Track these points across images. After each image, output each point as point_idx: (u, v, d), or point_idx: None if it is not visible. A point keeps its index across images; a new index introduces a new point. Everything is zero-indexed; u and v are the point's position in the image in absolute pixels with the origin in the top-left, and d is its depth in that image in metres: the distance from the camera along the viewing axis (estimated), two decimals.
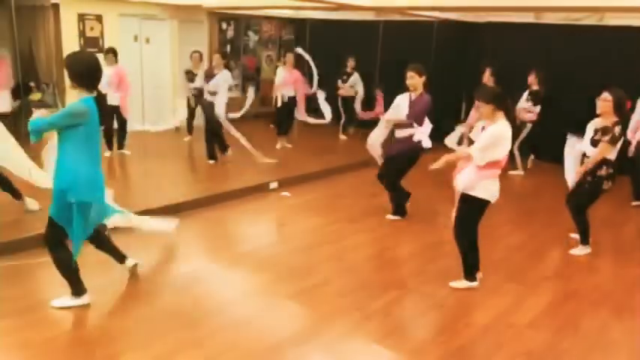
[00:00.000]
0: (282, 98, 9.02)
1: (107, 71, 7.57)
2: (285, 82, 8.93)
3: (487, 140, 4.03)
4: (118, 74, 7.71)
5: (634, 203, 6.96)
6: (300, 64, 9.52)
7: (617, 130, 4.84)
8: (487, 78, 7.73)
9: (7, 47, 8.67)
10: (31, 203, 5.35)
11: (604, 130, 4.87)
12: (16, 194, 5.39)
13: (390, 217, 6.03)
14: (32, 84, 8.94)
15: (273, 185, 7.06)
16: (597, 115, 5.02)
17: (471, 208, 4.23)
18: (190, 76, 8.95)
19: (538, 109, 8.07)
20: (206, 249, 5.23)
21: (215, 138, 7.92)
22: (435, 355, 3.50)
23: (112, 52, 7.76)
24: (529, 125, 8.11)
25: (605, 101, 4.88)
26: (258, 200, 6.63)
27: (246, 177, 7.32)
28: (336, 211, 6.28)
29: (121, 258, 4.24)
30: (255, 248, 5.21)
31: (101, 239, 4.16)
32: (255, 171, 7.66)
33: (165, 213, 5.79)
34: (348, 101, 10.24)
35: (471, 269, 4.40)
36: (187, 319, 3.78)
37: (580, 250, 5.29)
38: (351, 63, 10.07)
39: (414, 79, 5.55)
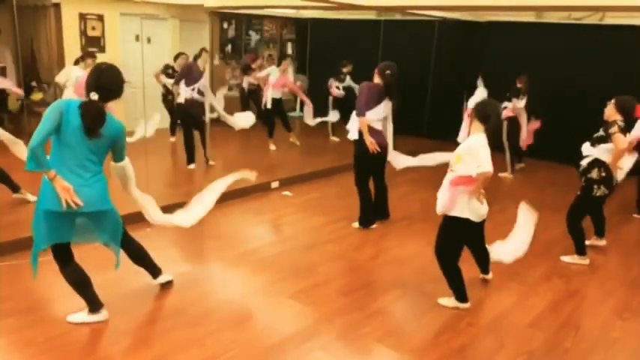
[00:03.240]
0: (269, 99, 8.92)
1: (78, 73, 7.15)
2: (277, 84, 8.86)
3: (465, 156, 3.79)
4: None
5: (635, 215, 6.62)
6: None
7: (621, 123, 4.62)
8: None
9: (8, 47, 8.68)
10: (31, 196, 5.38)
11: (606, 127, 4.71)
12: (14, 187, 5.53)
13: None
14: (34, 84, 8.96)
15: (275, 185, 7.06)
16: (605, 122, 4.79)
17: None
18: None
19: (511, 104, 7.81)
20: (207, 248, 5.23)
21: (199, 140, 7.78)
22: (437, 354, 3.50)
23: (92, 57, 7.46)
24: (505, 122, 7.83)
25: (609, 104, 4.77)
26: (259, 199, 6.63)
27: None
28: (338, 210, 6.27)
29: (155, 272, 4.13)
30: (257, 247, 5.21)
31: (135, 252, 4.02)
32: (257, 170, 7.65)
33: (166, 212, 5.79)
34: (341, 102, 9.95)
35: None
36: (188, 318, 3.78)
37: (571, 259, 5.09)
38: (348, 67, 10.02)
39: None
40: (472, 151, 3.74)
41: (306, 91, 12.39)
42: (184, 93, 7.44)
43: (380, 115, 5.44)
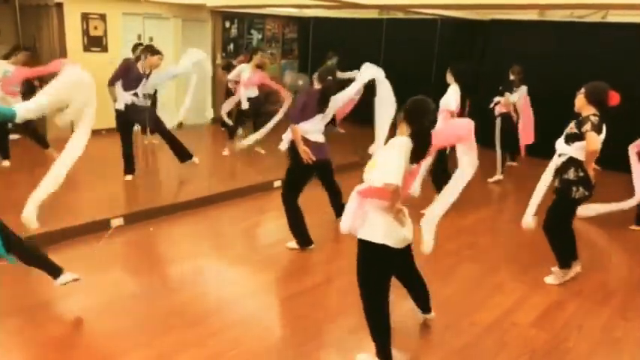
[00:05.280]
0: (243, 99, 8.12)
1: (8, 67, 6.73)
2: (248, 82, 8.10)
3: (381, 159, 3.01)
4: (21, 75, 6.84)
5: (632, 227, 6.04)
6: None
7: (594, 119, 4.08)
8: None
9: (10, 46, 8.68)
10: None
11: (580, 123, 4.16)
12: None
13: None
14: (36, 83, 8.95)
15: (277, 184, 7.04)
16: (579, 115, 4.27)
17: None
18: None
19: (503, 99, 7.54)
20: (209, 247, 5.22)
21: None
22: (439, 354, 3.49)
23: (22, 50, 7.07)
24: (498, 119, 7.64)
25: (578, 95, 4.25)
26: (261, 198, 6.63)
27: (250, 175, 7.33)
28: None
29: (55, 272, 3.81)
30: (257, 247, 5.21)
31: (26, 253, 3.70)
32: (259, 169, 7.66)
33: (169, 211, 5.80)
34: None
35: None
36: (189, 318, 3.77)
37: (554, 279, 4.54)
38: (331, 56, 10.01)
39: None
40: (385, 155, 2.99)
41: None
42: (123, 98, 6.55)
43: (318, 126, 4.85)
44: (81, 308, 3.82)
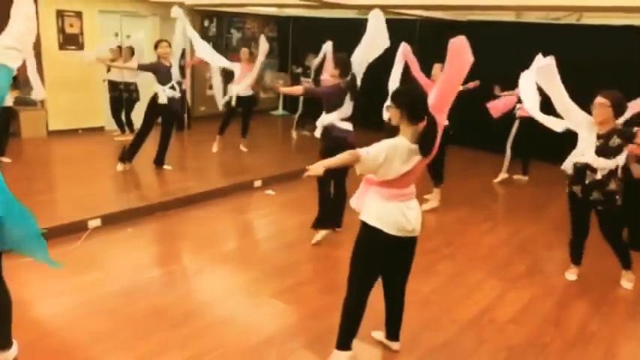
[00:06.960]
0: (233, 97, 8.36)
1: None
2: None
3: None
4: None
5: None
6: None
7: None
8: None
9: None
10: None
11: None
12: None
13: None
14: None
15: (257, 184, 7.02)
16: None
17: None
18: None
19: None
20: (190, 248, 5.20)
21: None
22: (420, 351, 3.53)
23: None
24: (517, 121, 7.57)
25: (603, 107, 4.15)
26: (242, 198, 6.61)
27: (230, 175, 7.29)
28: None
29: None
30: (239, 247, 5.19)
31: None
32: (239, 169, 7.63)
33: (148, 212, 5.75)
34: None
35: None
36: (171, 318, 3.75)
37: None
38: (310, 58, 10.14)
39: None
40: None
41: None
42: (164, 93, 6.94)
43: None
44: (60, 310, 3.77)
